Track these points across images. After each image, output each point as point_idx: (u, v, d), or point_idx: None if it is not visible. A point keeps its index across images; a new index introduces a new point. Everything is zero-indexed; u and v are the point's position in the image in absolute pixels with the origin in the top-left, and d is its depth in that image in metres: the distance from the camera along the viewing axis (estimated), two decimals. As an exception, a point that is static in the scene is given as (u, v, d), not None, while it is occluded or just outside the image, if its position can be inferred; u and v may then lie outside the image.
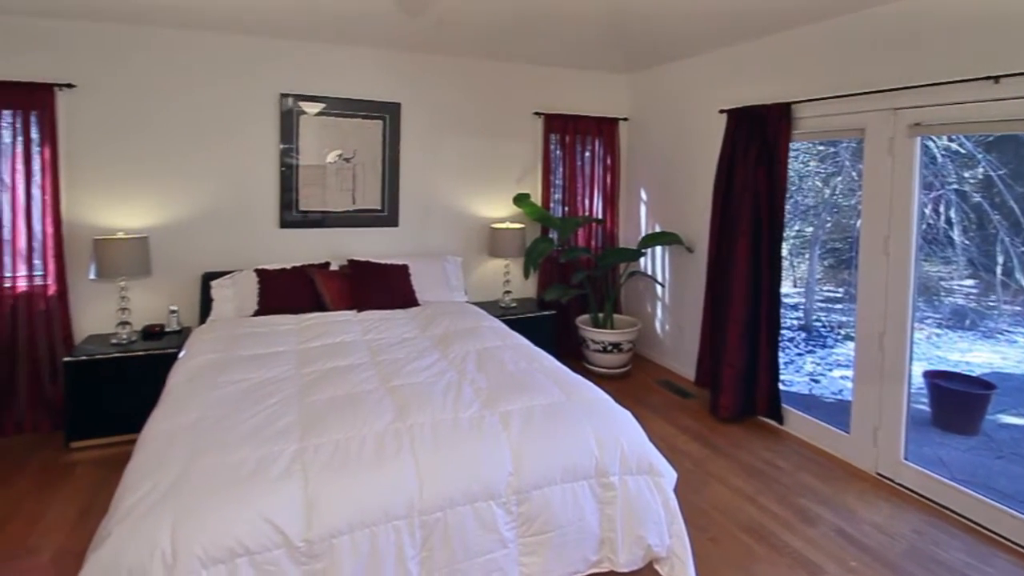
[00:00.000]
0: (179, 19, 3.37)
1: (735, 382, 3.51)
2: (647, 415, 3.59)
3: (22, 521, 2.48)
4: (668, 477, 2.10)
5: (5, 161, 3.25)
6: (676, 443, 3.25)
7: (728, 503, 2.68)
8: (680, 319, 4.38)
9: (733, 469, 2.99)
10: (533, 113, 4.56)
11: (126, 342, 3.29)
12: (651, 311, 4.73)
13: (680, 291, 4.38)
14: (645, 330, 4.70)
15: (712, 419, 3.59)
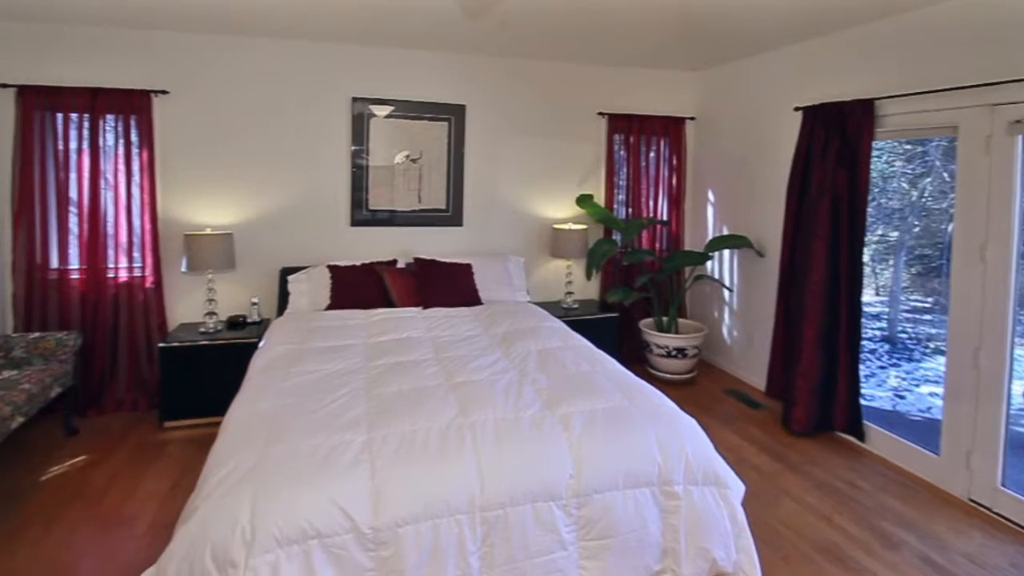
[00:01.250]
0: (261, 28, 3.58)
1: (810, 394, 3.33)
2: (713, 424, 3.47)
3: (120, 492, 2.71)
4: (735, 490, 2.02)
5: (108, 162, 3.57)
6: (744, 455, 3.13)
7: (801, 521, 2.54)
8: (749, 326, 4.21)
9: (807, 486, 2.84)
10: (597, 113, 4.52)
11: (212, 331, 3.54)
12: (718, 316, 4.57)
13: (749, 296, 4.21)
14: (711, 336, 4.55)
15: (784, 432, 3.43)
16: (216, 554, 1.56)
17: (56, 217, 3.50)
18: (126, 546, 2.32)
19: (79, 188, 3.52)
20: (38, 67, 3.41)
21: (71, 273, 3.54)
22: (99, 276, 3.53)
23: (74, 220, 3.56)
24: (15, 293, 3.42)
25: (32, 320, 3.44)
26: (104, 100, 3.47)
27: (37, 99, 3.38)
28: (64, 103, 3.43)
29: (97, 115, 3.48)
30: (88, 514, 2.54)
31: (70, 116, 3.48)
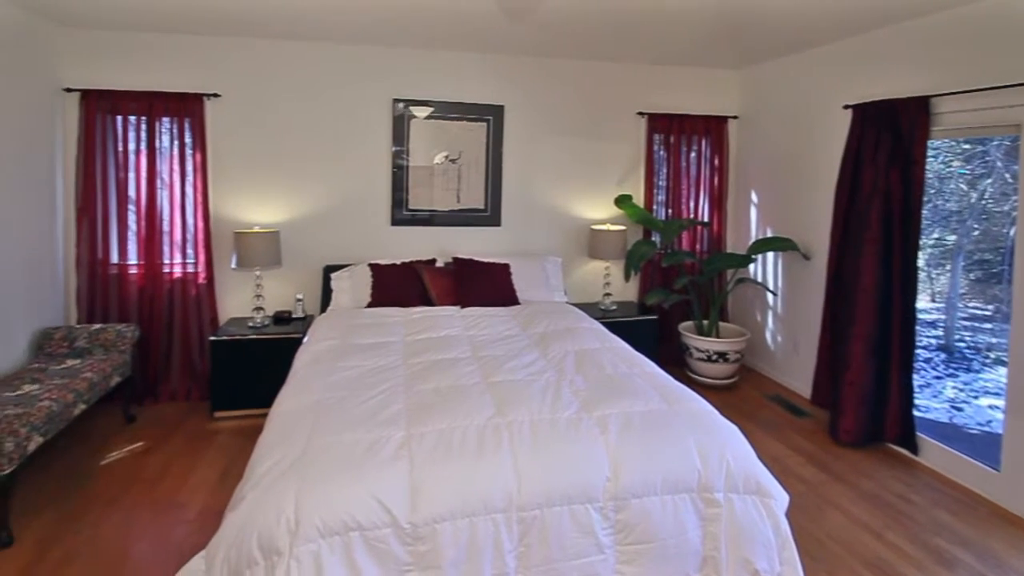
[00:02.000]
0: (307, 32, 3.68)
1: (859, 404, 3.21)
2: (756, 431, 3.39)
3: (173, 479, 2.85)
4: (779, 499, 1.97)
5: (164, 162, 3.74)
6: (789, 464, 3.04)
7: (849, 535, 2.45)
8: (794, 331, 4.08)
9: (855, 499, 2.73)
10: (636, 113, 4.46)
11: (260, 326, 3.67)
12: (761, 321, 4.45)
13: (794, 301, 4.08)
14: (754, 340, 4.44)
15: (831, 442, 3.31)
16: (262, 542, 1.62)
17: (116, 215, 3.69)
18: (178, 530, 2.44)
19: (137, 187, 3.71)
20: (100, 72, 3.61)
21: (130, 268, 3.73)
22: (155, 271, 3.71)
23: (132, 218, 3.75)
24: (79, 286, 3.63)
25: (94, 312, 3.64)
26: (160, 103, 3.64)
27: (99, 102, 3.58)
28: (123, 106, 3.61)
29: (154, 118, 3.65)
30: (144, 498, 2.67)
31: (129, 119, 3.67)
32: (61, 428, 2.65)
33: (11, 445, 2.27)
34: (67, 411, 2.70)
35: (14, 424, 2.30)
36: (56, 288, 3.57)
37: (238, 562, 1.62)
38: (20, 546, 2.31)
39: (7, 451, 2.26)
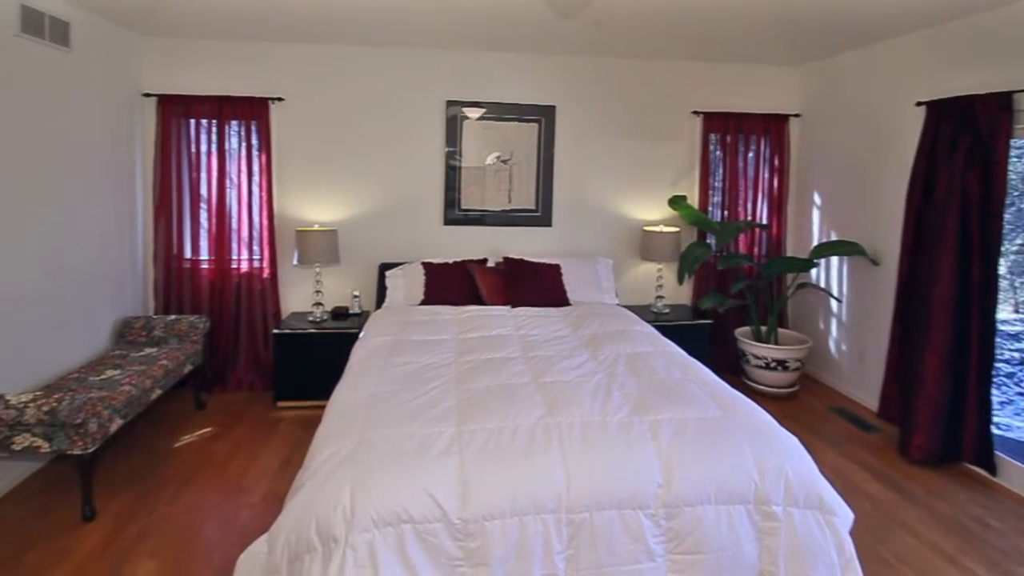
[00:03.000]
0: (365, 38, 3.79)
1: (932, 419, 3.02)
2: (818, 444, 3.25)
3: (239, 464, 3.00)
4: (843, 517, 1.88)
5: (233, 163, 3.94)
6: (854, 480, 2.90)
7: (919, 559, 2.31)
8: (860, 340, 3.88)
9: (927, 520, 2.57)
10: (691, 112, 4.35)
11: (319, 320, 3.82)
12: (824, 328, 4.26)
13: (861, 308, 3.88)
14: (816, 349, 4.25)
15: (901, 459, 3.13)
16: (320, 529, 1.68)
17: (189, 212, 3.92)
18: (243, 513, 2.57)
19: (208, 187, 3.92)
20: (175, 78, 3.84)
21: (201, 263, 3.96)
22: (224, 266, 3.92)
23: (204, 215, 3.97)
24: (156, 279, 3.89)
25: (169, 304, 3.89)
26: (229, 107, 3.83)
27: (174, 107, 3.81)
28: (196, 110, 3.83)
29: (223, 121, 3.85)
30: (212, 481, 2.84)
31: (201, 122, 3.88)
32: (139, 411, 2.85)
33: (95, 426, 2.46)
34: (145, 395, 2.89)
35: (98, 406, 2.49)
36: (136, 280, 3.83)
37: (297, 547, 1.69)
38: (101, 520, 2.50)
39: (91, 431, 2.44)
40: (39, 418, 2.35)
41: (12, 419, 2.34)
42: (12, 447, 2.40)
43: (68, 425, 2.39)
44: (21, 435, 2.39)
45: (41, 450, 2.42)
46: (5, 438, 2.39)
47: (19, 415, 2.34)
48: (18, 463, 2.77)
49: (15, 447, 2.40)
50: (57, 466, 2.89)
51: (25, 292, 2.81)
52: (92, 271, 3.34)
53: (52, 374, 2.97)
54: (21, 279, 2.79)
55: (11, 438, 2.39)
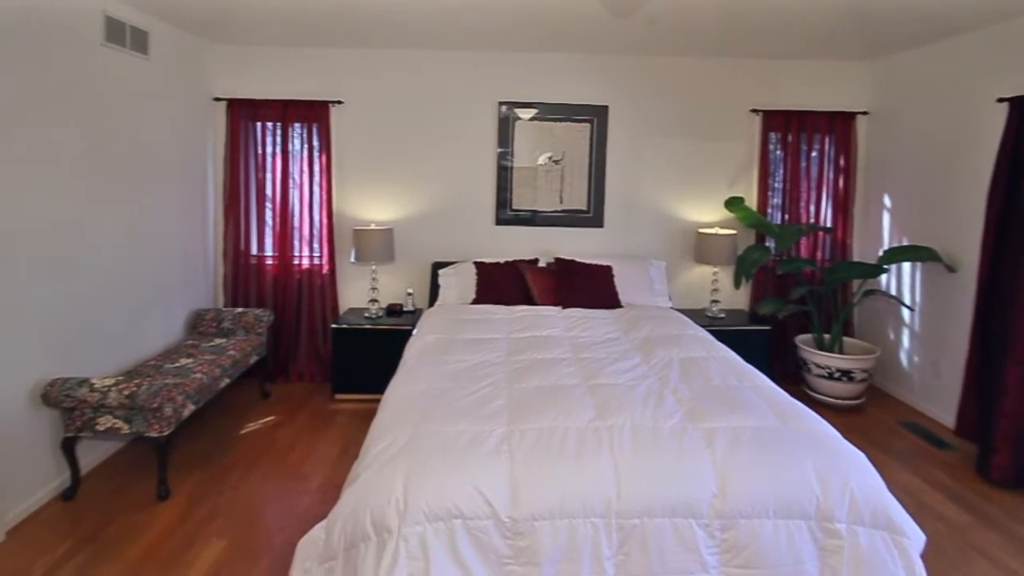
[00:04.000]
0: (420, 41, 3.88)
1: (1017, 438, 2.80)
2: (886, 461, 3.08)
3: (299, 452, 3.14)
4: (914, 539, 1.77)
5: (295, 164, 4.11)
6: (926, 501, 2.73)
7: (997, 588, 2.16)
8: (935, 351, 3.65)
9: (1008, 547, 2.39)
10: (750, 111, 4.21)
11: (375, 316, 3.94)
12: (894, 338, 4.03)
13: (935, 318, 3.65)
14: (885, 359, 4.02)
15: (979, 480, 2.92)
16: (374, 519, 1.73)
17: (255, 211, 4.12)
18: (303, 500, 2.69)
19: (272, 187, 4.11)
20: (243, 83, 4.05)
21: (266, 259, 4.16)
22: (287, 262, 4.11)
23: (268, 214, 4.17)
24: (225, 274, 4.11)
25: (237, 298, 4.11)
26: (293, 110, 4.00)
27: (242, 110, 4.01)
28: (262, 113, 4.02)
29: (287, 123, 4.03)
30: (275, 468, 2.98)
31: (266, 124, 4.08)
32: (209, 398, 3.03)
33: (170, 410, 2.63)
34: (214, 383, 3.07)
35: (172, 392, 2.66)
36: (207, 275, 4.07)
37: (353, 535, 1.75)
38: (175, 499, 2.67)
39: (166, 415, 2.61)
40: (120, 401, 2.54)
41: (96, 401, 2.54)
42: (96, 428, 2.60)
43: (146, 409, 2.57)
44: (104, 417, 2.59)
45: (121, 432, 2.61)
46: (90, 419, 2.59)
47: (102, 398, 2.53)
48: (101, 443, 2.99)
49: (99, 428, 2.60)
50: (135, 447, 3.11)
51: (110, 285, 3.04)
52: (169, 266, 3.57)
53: (132, 360, 3.20)
54: (107, 273, 3.02)
55: (95, 419, 2.59)
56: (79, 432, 2.61)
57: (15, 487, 2.45)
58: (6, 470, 2.40)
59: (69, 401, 2.52)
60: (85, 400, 2.52)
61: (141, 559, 2.25)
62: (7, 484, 2.40)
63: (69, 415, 2.58)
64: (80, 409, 2.57)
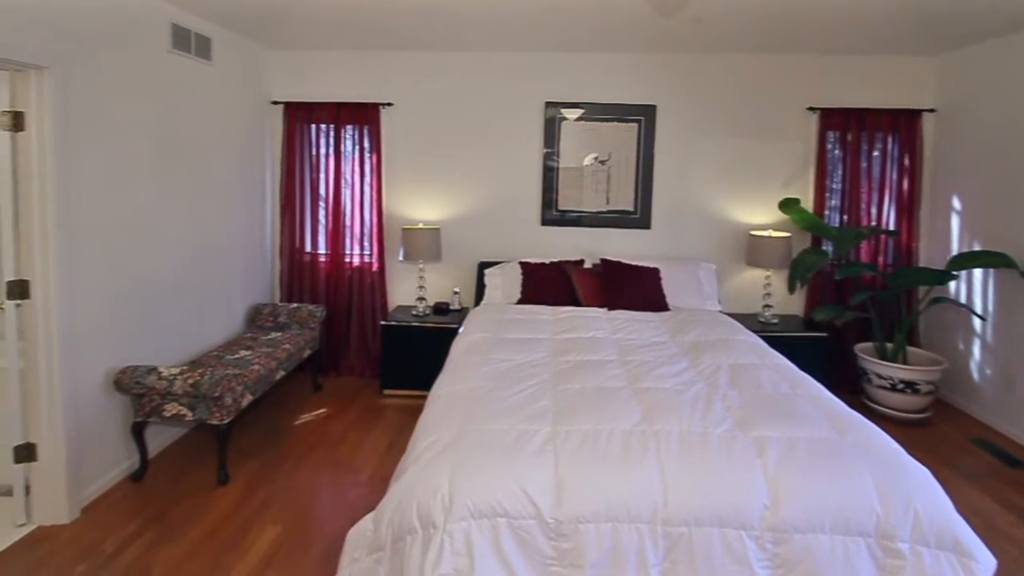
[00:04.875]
0: (467, 43, 3.93)
1: (1097, 460, 2.60)
2: (954, 479, 2.92)
3: (349, 445, 3.25)
4: (984, 563, 1.67)
5: (347, 165, 4.24)
6: (998, 523, 2.57)
7: (1073, 618, 2.01)
8: (1009, 364, 3.42)
9: (1086, 575, 2.23)
10: (806, 109, 4.05)
11: (422, 314, 4.02)
12: (963, 349, 3.79)
13: (1011, 329, 3.42)
14: (953, 371, 3.79)
15: (1058, 502, 2.73)
16: (420, 513, 1.76)
17: (310, 210, 4.27)
18: (352, 491, 2.78)
19: (326, 186, 4.26)
20: (298, 86, 4.21)
21: (319, 257, 4.31)
22: (339, 260, 4.24)
23: (322, 213, 4.31)
24: (281, 270, 4.30)
25: (292, 293, 4.28)
26: (345, 113, 4.13)
27: (297, 113, 4.17)
28: (316, 115, 4.17)
29: (340, 125, 4.17)
30: (326, 459, 3.09)
31: (320, 126, 4.22)
32: (265, 390, 3.17)
33: (230, 400, 2.76)
34: (271, 375, 3.21)
35: (232, 383, 2.79)
36: (265, 271, 4.25)
37: (400, 528, 1.79)
38: (234, 485, 2.81)
39: (227, 404, 2.75)
40: (185, 389, 2.69)
41: (163, 389, 2.69)
42: (163, 413, 2.76)
43: (208, 397, 2.71)
44: (170, 403, 2.75)
45: (186, 418, 2.76)
46: (157, 405, 2.75)
47: (169, 386, 2.69)
48: (167, 428, 3.18)
49: (165, 413, 2.76)
50: (198, 433, 3.28)
51: (176, 279, 3.22)
52: (230, 262, 3.75)
53: (196, 351, 3.38)
54: (174, 267, 3.20)
55: (163, 405, 2.75)
56: (147, 417, 2.78)
57: (90, 468, 2.64)
58: (82, 452, 2.58)
59: (139, 388, 2.69)
60: (153, 387, 2.69)
61: (203, 540, 2.38)
62: (83, 465, 2.58)
63: (139, 401, 2.75)
64: (149, 396, 2.74)
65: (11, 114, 2.33)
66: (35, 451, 2.45)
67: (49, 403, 2.44)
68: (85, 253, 2.57)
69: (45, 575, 2.15)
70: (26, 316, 2.40)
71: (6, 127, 2.32)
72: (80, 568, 2.19)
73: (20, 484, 2.44)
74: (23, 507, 2.44)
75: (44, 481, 2.46)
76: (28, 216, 2.38)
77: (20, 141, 2.35)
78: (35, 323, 2.40)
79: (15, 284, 2.38)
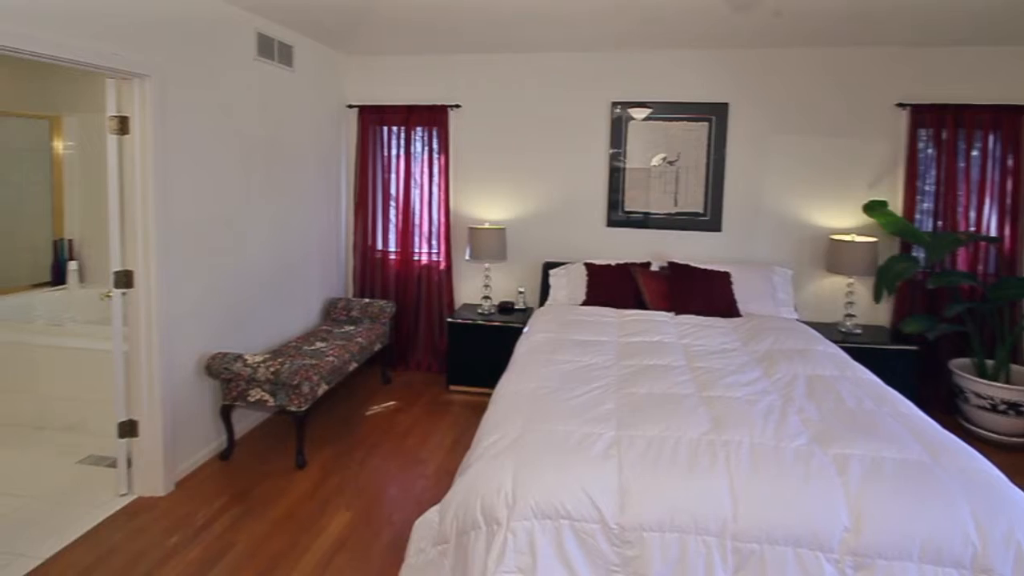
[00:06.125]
0: (533, 44, 3.94)
1: None
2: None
3: (417, 438, 3.35)
4: (1097, 607, 1.51)
5: (417, 165, 4.36)
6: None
7: None
8: None
9: None
10: (895, 105, 3.77)
11: (487, 313, 4.09)
12: (1075, 368, 3.43)
13: None
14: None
15: None
16: (484, 509, 1.79)
17: (381, 209, 4.44)
18: (419, 483, 2.87)
19: (396, 187, 4.40)
20: (372, 90, 4.37)
21: (390, 254, 4.47)
22: (408, 258, 4.38)
23: (392, 212, 4.46)
24: (354, 267, 4.49)
25: (364, 289, 4.46)
26: (415, 115, 4.25)
27: (371, 115, 4.34)
28: (388, 118, 4.32)
29: (410, 127, 4.30)
30: (395, 450, 3.20)
31: (391, 128, 4.37)
32: (339, 380, 3.33)
33: (307, 388, 2.92)
34: (344, 367, 3.36)
35: (309, 372, 2.95)
36: (339, 267, 4.47)
37: (464, 522, 1.83)
38: (310, 469, 2.97)
39: (304, 392, 2.91)
40: (267, 377, 2.87)
41: (248, 375, 2.89)
42: (248, 398, 2.96)
43: (287, 385, 2.88)
44: (254, 389, 2.94)
45: (267, 404, 2.95)
46: (243, 390, 2.95)
47: (253, 372, 2.87)
48: (251, 412, 3.40)
49: (250, 398, 2.95)
50: (278, 419, 3.49)
51: (260, 273, 3.44)
52: (308, 257, 3.97)
53: (277, 341, 3.60)
54: (258, 262, 3.42)
55: (247, 391, 2.95)
56: (234, 401, 2.98)
57: (183, 445, 2.87)
58: (177, 430, 2.81)
59: (227, 373, 2.90)
60: (239, 374, 2.89)
61: (282, 520, 2.53)
62: (178, 442, 2.81)
63: (227, 385, 2.97)
64: (235, 381, 2.94)
65: (118, 119, 2.55)
66: (136, 427, 2.69)
67: (149, 384, 2.67)
68: (180, 247, 2.79)
69: (143, 542, 2.36)
70: (130, 304, 2.64)
71: (113, 131, 2.55)
72: (173, 539, 2.39)
73: (123, 457, 2.69)
74: (125, 479, 2.69)
75: (144, 456, 2.70)
76: (132, 212, 2.60)
77: (125, 144, 2.57)
78: (138, 310, 2.63)
79: (121, 274, 2.62)
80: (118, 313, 2.64)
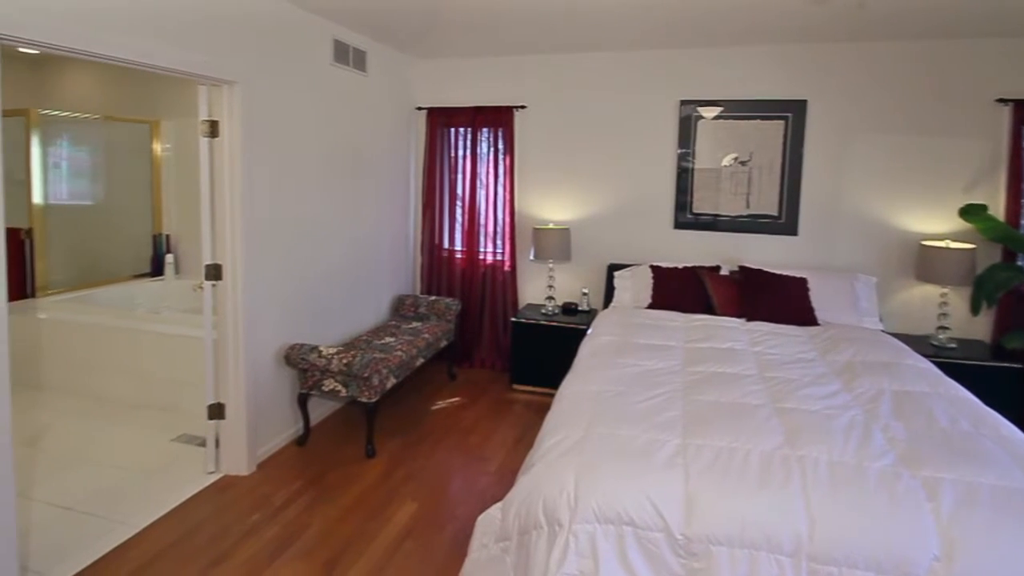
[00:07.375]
0: (599, 44, 3.89)
1: None
2: None
3: (480, 434, 3.42)
4: None
5: (482, 166, 4.42)
6: None
7: None
8: None
9: None
10: (995, 100, 3.45)
11: (551, 313, 4.11)
12: None
13: None
14: None
15: None
16: (546, 510, 1.80)
17: (448, 209, 4.53)
18: (481, 479, 2.93)
19: (463, 187, 4.48)
20: (439, 92, 4.46)
21: (456, 253, 4.56)
22: (473, 257, 4.46)
23: (459, 212, 4.55)
24: (422, 265, 4.61)
25: (431, 286, 4.58)
26: (481, 116, 4.31)
27: (438, 117, 4.43)
28: (455, 119, 4.40)
29: (476, 128, 4.36)
30: (459, 445, 3.28)
31: (458, 130, 4.46)
32: (407, 374, 3.45)
33: (376, 380, 3.04)
34: (412, 361, 3.48)
35: (379, 366, 3.07)
36: (408, 264, 4.61)
37: (526, 521, 1.84)
38: (379, 459, 3.10)
39: (374, 384, 3.03)
40: (340, 368, 3.00)
41: (323, 366, 3.04)
42: (322, 388, 3.11)
43: (359, 377, 3.00)
44: (328, 380, 3.09)
45: (340, 394, 3.09)
46: (318, 380, 3.11)
47: (327, 363, 3.02)
48: (325, 401, 3.57)
49: (324, 388, 3.11)
50: (350, 409, 3.65)
51: (336, 268, 3.61)
52: (379, 255, 4.13)
53: (349, 335, 3.77)
54: (334, 258, 3.59)
55: (322, 381, 3.10)
56: (310, 390, 3.15)
57: (265, 430, 3.06)
58: (260, 416, 3.00)
59: (304, 363, 3.06)
60: (315, 364, 3.04)
61: (352, 506, 2.66)
62: (260, 426, 3.00)
63: (303, 375, 3.13)
64: (311, 371, 3.10)
65: (209, 123, 2.75)
66: (223, 410, 2.90)
67: (235, 370, 2.87)
68: (263, 243, 2.98)
69: (228, 518, 2.54)
70: (219, 295, 2.85)
71: (205, 134, 2.76)
72: (255, 516, 2.56)
73: (212, 438, 2.90)
74: (213, 458, 2.90)
75: (230, 437, 2.90)
76: (221, 210, 2.80)
77: (215, 146, 2.77)
78: (225, 301, 2.84)
79: (212, 267, 2.83)
80: (208, 303, 2.86)
